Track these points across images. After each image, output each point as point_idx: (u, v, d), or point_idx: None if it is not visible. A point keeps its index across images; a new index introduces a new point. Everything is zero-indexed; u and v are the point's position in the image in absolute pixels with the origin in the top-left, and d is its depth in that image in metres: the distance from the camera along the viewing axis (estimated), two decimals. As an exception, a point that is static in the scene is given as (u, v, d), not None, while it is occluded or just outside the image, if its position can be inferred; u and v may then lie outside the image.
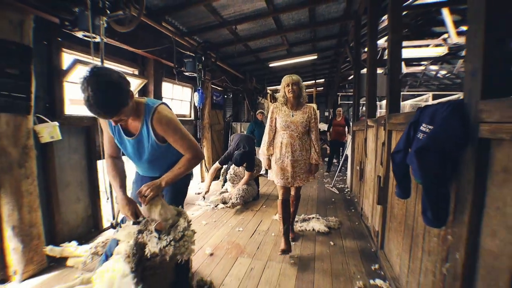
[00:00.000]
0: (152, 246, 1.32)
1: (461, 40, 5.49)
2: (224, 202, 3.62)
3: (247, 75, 6.79)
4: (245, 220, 3.19)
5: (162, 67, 3.67)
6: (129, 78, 3.21)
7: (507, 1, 0.80)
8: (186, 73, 3.84)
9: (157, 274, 1.49)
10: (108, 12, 2.08)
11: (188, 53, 3.85)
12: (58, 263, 2.18)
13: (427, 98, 9.20)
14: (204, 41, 4.24)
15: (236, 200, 3.55)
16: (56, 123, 2.20)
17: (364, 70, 3.87)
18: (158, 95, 3.59)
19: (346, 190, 4.61)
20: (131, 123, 1.42)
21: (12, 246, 1.94)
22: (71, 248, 2.06)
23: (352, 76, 6.90)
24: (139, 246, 1.36)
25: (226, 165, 4.19)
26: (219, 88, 6.27)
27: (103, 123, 1.48)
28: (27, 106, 1.97)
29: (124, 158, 1.65)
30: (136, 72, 3.39)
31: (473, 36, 0.88)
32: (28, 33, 1.97)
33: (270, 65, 6.44)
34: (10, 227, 1.93)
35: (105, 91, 1.12)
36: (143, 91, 3.52)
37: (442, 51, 5.80)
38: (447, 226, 1.06)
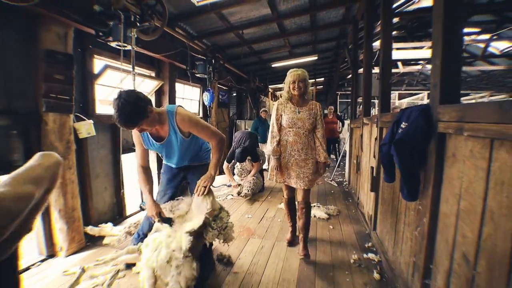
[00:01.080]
0: (209, 237, 1.68)
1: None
2: (238, 193, 3.98)
3: (250, 75, 7.10)
4: (253, 209, 3.53)
5: (176, 69, 3.99)
6: (147, 80, 3.55)
7: (456, 36, 1.12)
8: (197, 75, 4.15)
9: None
10: (138, 24, 2.39)
11: (199, 56, 4.16)
12: (93, 242, 2.52)
13: (422, 97, 9.51)
14: (212, 44, 4.55)
15: (248, 191, 3.91)
16: (91, 121, 2.53)
17: (361, 70, 4.19)
18: (172, 94, 3.91)
19: (345, 183, 4.96)
20: (160, 130, 1.76)
21: (58, 226, 2.28)
22: (107, 228, 2.39)
23: (350, 76, 7.22)
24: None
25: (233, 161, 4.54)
26: (225, 87, 6.58)
27: (136, 139, 1.82)
28: (69, 106, 2.29)
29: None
30: (153, 74, 3.71)
31: (434, 59, 1.21)
32: (70, 43, 2.29)
33: (273, 65, 6.75)
34: (57, 211, 2.26)
35: (124, 110, 1.44)
36: (159, 91, 3.84)
37: (435, 52, 6.09)
38: (419, 200, 1.40)
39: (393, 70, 8.12)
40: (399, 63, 7.96)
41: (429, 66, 8.92)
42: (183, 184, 2.18)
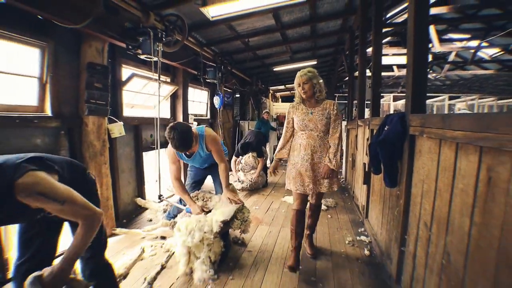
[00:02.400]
0: (234, 226, 2.19)
1: (444, 48, 6.22)
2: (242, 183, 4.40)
3: (253, 78, 7.49)
4: (259, 202, 3.92)
5: (189, 74, 4.37)
6: (163, 85, 3.98)
7: (422, 66, 1.52)
8: (208, 80, 4.54)
9: None
10: (164, 39, 2.77)
11: (209, 63, 4.55)
12: (122, 228, 2.89)
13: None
14: (220, 50, 4.93)
15: (247, 185, 4.32)
16: (122, 123, 2.90)
17: (357, 73, 4.57)
18: (185, 98, 4.29)
19: (342, 180, 5.36)
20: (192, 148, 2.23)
21: (95, 213, 2.65)
22: (150, 202, 2.82)
23: (347, 78, 7.62)
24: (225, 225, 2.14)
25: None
26: (229, 90, 6.96)
27: (172, 157, 2.30)
28: (106, 110, 2.66)
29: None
30: (169, 80, 4.09)
31: (408, 77, 1.61)
32: (105, 55, 2.66)
33: (274, 69, 7.14)
34: (95, 199, 2.64)
35: (181, 137, 1.95)
36: (173, 95, 4.22)
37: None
38: (398, 186, 1.79)
39: (389, 73, 8.57)
40: (395, 67, 8.39)
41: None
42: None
